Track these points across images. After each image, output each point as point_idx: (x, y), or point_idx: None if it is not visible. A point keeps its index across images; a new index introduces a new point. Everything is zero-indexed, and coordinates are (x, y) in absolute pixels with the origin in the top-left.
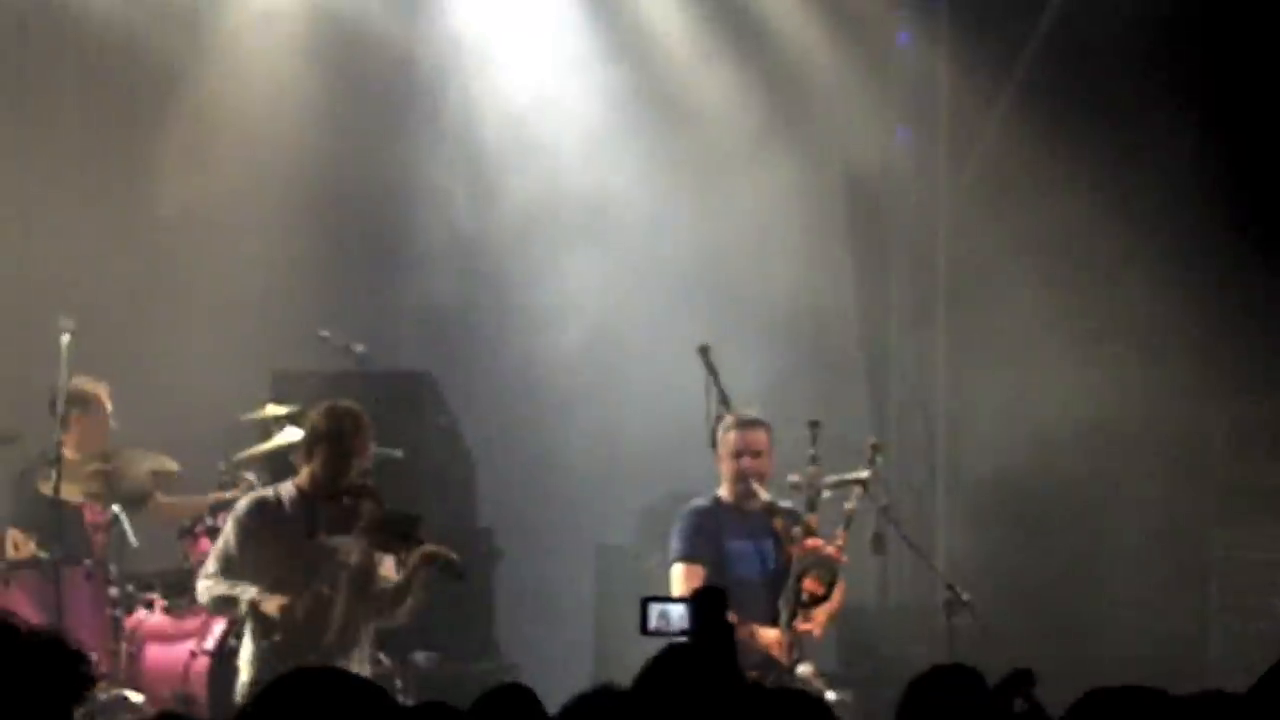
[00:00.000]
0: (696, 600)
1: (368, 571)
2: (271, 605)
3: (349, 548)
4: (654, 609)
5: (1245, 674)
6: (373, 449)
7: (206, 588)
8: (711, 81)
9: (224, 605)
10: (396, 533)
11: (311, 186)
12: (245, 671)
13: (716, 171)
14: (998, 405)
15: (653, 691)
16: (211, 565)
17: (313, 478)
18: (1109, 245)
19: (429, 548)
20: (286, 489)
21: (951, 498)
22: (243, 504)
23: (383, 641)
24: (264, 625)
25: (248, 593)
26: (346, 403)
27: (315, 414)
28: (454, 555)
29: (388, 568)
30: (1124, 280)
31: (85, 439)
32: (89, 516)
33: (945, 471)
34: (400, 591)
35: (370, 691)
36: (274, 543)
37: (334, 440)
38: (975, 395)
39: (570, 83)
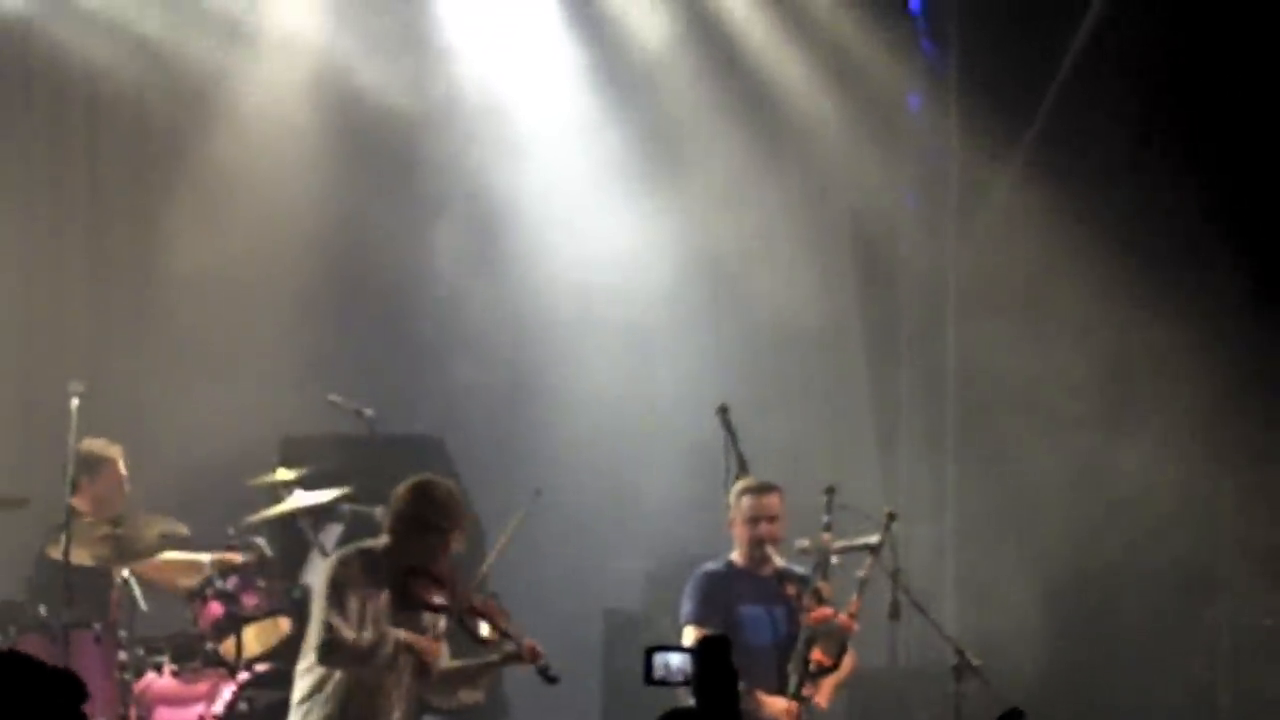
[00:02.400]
0: (701, 649)
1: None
2: (422, 642)
3: (433, 624)
4: (659, 659)
5: None
6: (467, 531)
7: (329, 637)
8: (721, 145)
9: (370, 653)
10: (492, 623)
11: (320, 251)
12: None
13: (726, 237)
14: (1008, 466)
15: None
16: (323, 626)
17: (406, 553)
18: (1117, 310)
19: (531, 644)
20: (378, 553)
21: (961, 554)
22: (347, 552)
23: None
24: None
25: (400, 634)
26: (440, 480)
27: (408, 491)
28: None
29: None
30: (1132, 344)
31: (101, 502)
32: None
33: (955, 530)
34: (472, 676)
35: None
36: (367, 606)
37: (432, 522)
38: (986, 455)
39: (579, 139)
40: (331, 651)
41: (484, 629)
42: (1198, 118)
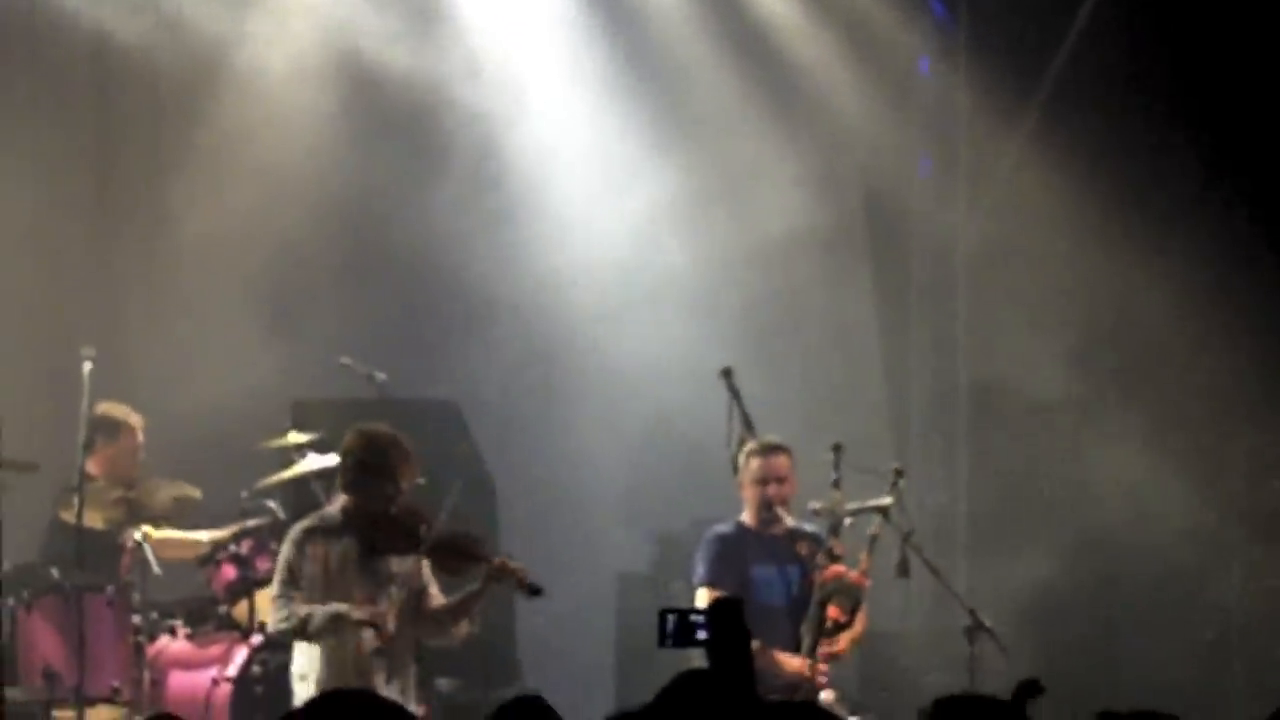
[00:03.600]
0: (714, 611)
1: (420, 592)
2: (362, 613)
3: (406, 568)
4: (671, 620)
5: (1266, 700)
6: (417, 467)
7: (282, 618)
8: (734, 109)
9: (297, 624)
10: (463, 551)
11: (332, 216)
12: (304, 695)
13: (738, 198)
14: (1017, 431)
15: (669, 715)
16: (280, 599)
17: (359, 504)
18: (1128, 272)
19: (509, 563)
20: (333, 515)
21: (973, 522)
22: (294, 532)
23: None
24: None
25: (328, 609)
26: (380, 426)
27: (351, 440)
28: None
29: (435, 590)
30: (1144, 307)
31: (113, 466)
32: (124, 541)
33: (966, 496)
34: (460, 610)
35: (400, 715)
36: (331, 568)
37: (378, 466)
38: (996, 420)
39: (591, 108)
40: (284, 624)
41: (458, 561)
42: (1208, 81)
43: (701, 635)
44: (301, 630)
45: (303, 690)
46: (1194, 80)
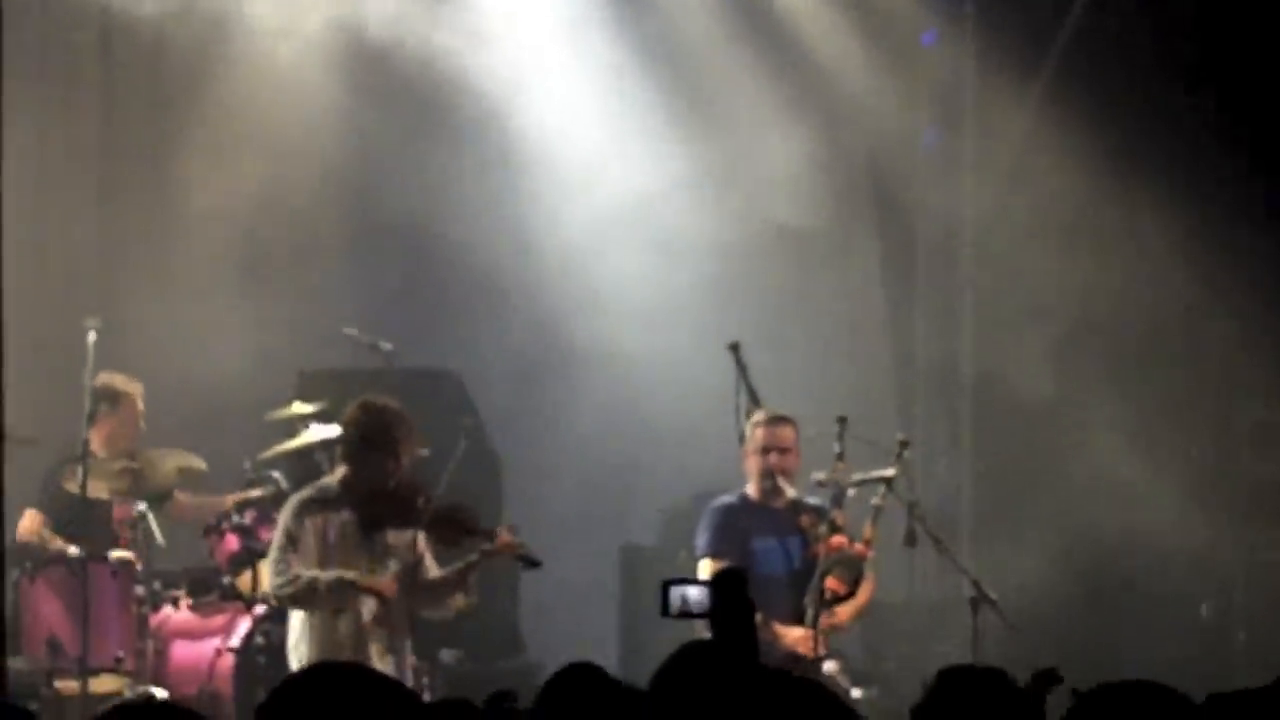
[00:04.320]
0: (717, 582)
1: (417, 564)
2: (369, 580)
3: (403, 541)
4: (675, 592)
5: (1269, 674)
6: (418, 441)
7: (284, 581)
8: (739, 83)
9: (299, 589)
10: (461, 524)
11: (337, 187)
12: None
13: (744, 170)
14: (1022, 403)
15: (672, 686)
16: (276, 565)
17: (359, 477)
18: (1136, 242)
19: (505, 537)
20: (332, 486)
21: (977, 495)
22: (293, 502)
23: None
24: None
25: (330, 574)
26: (383, 399)
27: (353, 413)
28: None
29: (430, 562)
30: (1151, 278)
31: (114, 436)
32: (118, 513)
33: (971, 465)
34: (456, 582)
35: (393, 688)
36: (330, 537)
37: (380, 440)
38: (1001, 393)
39: (597, 83)
40: (285, 589)
41: (456, 534)
42: (1216, 49)
43: (704, 607)
44: (306, 593)
45: (296, 661)
46: (1203, 51)
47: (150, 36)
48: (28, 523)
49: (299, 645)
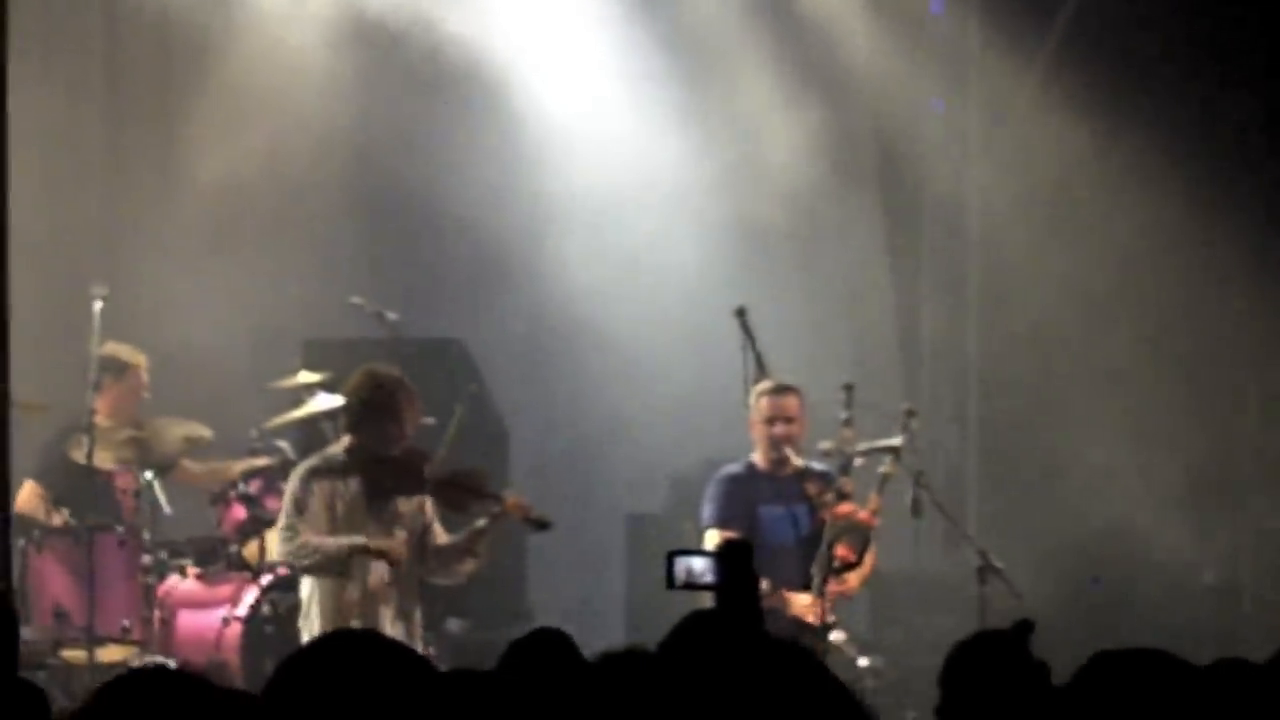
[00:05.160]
0: (722, 553)
1: (426, 531)
2: (380, 543)
3: (412, 507)
4: (680, 563)
5: (1277, 642)
6: (422, 409)
7: (295, 547)
8: (746, 54)
9: (308, 554)
10: (468, 488)
11: (343, 154)
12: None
13: (750, 140)
14: (1029, 371)
15: (679, 654)
16: (286, 530)
17: (364, 445)
18: (1142, 212)
19: (514, 499)
20: (337, 455)
21: (984, 461)
22: (300, 471)
23: None
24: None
25: (341, 541)
26: (386, 367)
27: (356, 381)
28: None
29: (438, 528)
30: (1159, 246)
31: (118, 406)
32: (120, 483)
33: (977, 435)
34: (466, 547)
35: (406, 655)
36: (337, 506)
37: (384, 408)
38: (1007, 361)
39: (606, 51)
40: (294, 555)
41: (464, 498)
42: (1225, 21)
43: (710, 579)
44: (315, 557)
45: (307, 629)
46: (1211, 19)
47: (155, 7)
48: (25, 495)
49: (309, 612)
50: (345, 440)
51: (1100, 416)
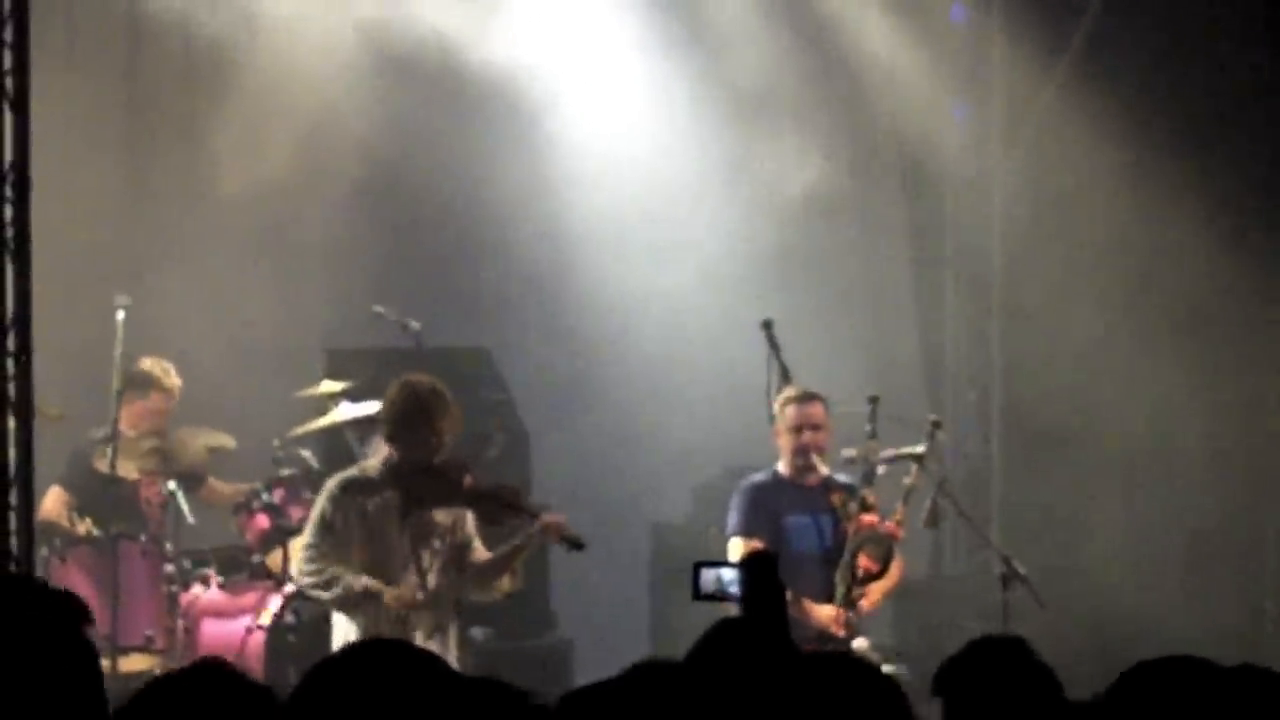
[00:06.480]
0: (748, 564)
1: (464, 546)
2: (394, 598)
3: (449, 519)
4: (706, 574)
5: None
6: (460, 418)
7: (314, 570)
8: (769, 60)
9: (326, 583)
10: (505, 503)
11: (367, 164)
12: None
13: (772, 148)
14: (1054, 378)
15: (706, 663)
16: (310, 549)
17: (402, 456)
18: (1163, 219)
19: (550, 518)
20: (374, 466)
21: (1007, 468)
22: (332, 485)
23: None
24: (374, 613)
25: (359, 581)
26: (422, 377)
27: (393, 392)
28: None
29: (478, 544)
30: (1179, 252)
31: (141, 418)
32: (144, 493)
33: (1001, 443)
34: (502, 564)
35: (433, 664)
36: (371, 520)
37: (421, 418)
38: (1032, 369)
39: (627, 63)
40: (313, 579)
41: (500, 512)
42: (1248, 23)
43: (735, 589)
44: (338, 591)
45: (339, 636)
46: (1231, 24)
47: (178, 16)
48: (50, 502)
49: (337, 621)
50: (382, 452)
51: (1126, 423)
